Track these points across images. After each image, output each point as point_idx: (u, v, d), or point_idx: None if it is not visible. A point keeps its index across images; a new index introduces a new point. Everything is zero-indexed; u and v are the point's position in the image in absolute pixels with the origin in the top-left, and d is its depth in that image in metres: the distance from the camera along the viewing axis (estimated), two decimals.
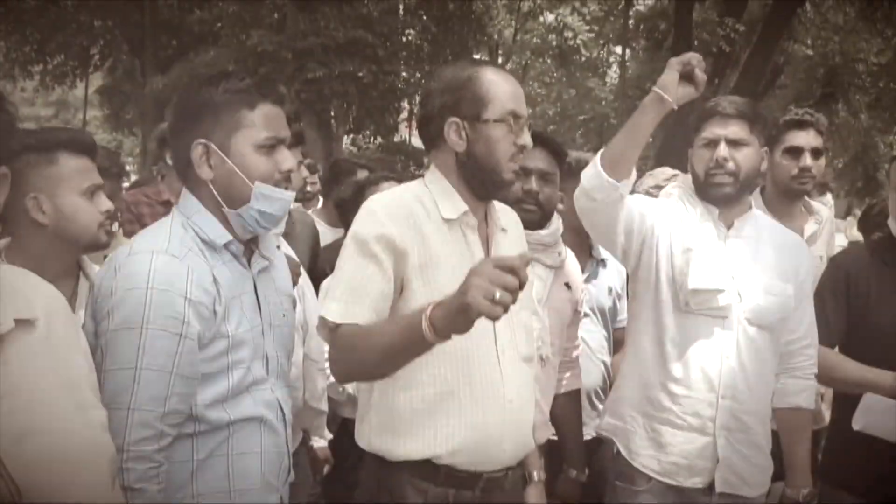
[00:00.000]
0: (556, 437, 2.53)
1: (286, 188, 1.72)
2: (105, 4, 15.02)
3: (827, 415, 3.03)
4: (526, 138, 1.86)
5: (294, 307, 1.93)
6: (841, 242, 3.80)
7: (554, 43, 20.04)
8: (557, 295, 2.42)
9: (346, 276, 1.80)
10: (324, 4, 11.89)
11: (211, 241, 1.68)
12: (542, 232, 2.37)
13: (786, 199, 2.98)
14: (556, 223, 2.46)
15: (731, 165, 2.27)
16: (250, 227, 1.71)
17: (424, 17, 14.22)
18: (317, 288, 2.70)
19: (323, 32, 11.74)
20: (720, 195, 2.30)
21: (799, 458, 2.34)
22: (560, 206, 3.02)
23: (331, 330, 1.79)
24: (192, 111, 1.71)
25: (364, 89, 12.40)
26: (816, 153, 2.93)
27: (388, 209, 1.82)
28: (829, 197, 3.65)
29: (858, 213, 6.72)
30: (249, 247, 1.77)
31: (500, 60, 21.22)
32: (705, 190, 2.31)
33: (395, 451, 1.82)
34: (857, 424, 2.37)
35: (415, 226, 1.82)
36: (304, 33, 11.78)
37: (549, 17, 20.03)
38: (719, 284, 2.22)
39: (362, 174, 3.79)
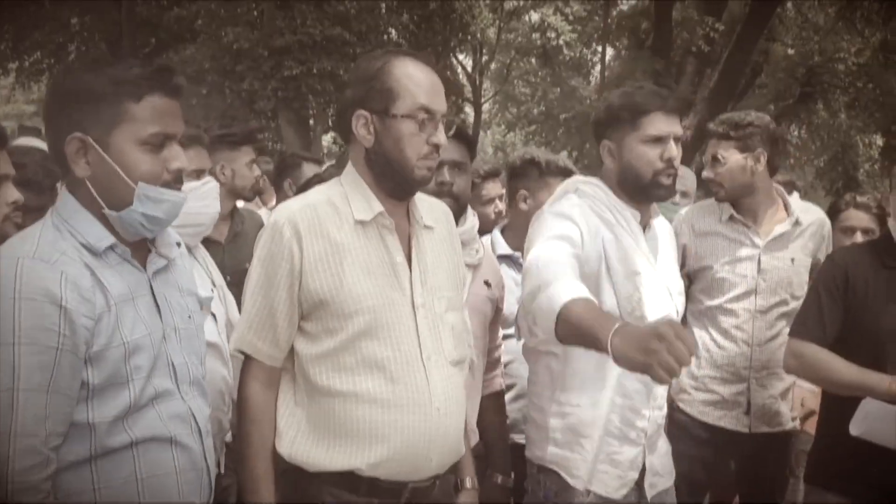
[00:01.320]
0: (479, 440, 2.47)
1: (177, 189, 1.59)
2: (82, 2, 14.85)
3: (789, 415, 2.98)
4: (440, 137, 1.77)
5: (201, 307, 1.83)
6: None
7: (538, 42, 19.99)
8: (477, 293, 2.35)
9: (254, 306, 1.78)
10: (301, 2, 11.78)
11: (90, 245, 1.55)
12: (459, 229, 2.29)
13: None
14: (472, 219, 2.39)
15: (676, 164, 2.18)
16: (134, 231, 1.58)
17: (405, 16, 14.13)
18: None
19: (300, 30, 11.63)
20: (663, 197, 2.21)
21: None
22: (523, 206, 2.95)
23: (244, 358, 1.80)
24: (68, 99, 1.55)
25: (343, 87, 12.25)
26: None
27: (293, 222, 1.75)
28: (796, 196, 3.57)
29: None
30: (146, 246, 1.65)
31: (484, 60, 21.19)
32: (648, 191, 2.19)
33: (316, 462, 1.74)
34: (855, 430, 2.30)
35: (322, 234, 1.74)
36: (280, 30, 11.67)
37: (534, 17, 19.99)
38: (668, 309, 2.17)
39: (309, 167, 3.75)
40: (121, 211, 1.55)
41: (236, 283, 2.49)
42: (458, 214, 2.30)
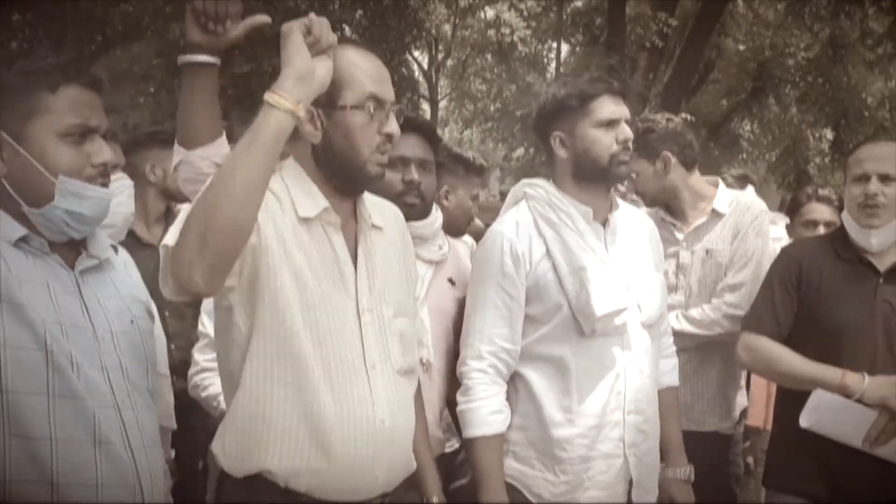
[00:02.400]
0: (451, 449, 2.38)
1: (102, 184, 1.52)
2: None
3: (710, 415, 2.89)
4: (392, 126, 1.66)
5: (150, 314, 1.73)
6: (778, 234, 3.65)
7: (493, 39, 19.99)
8: (439, 290, 2.25)
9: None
10: None
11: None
12: (417, 223, 2.17)
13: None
14: (435, 214, 2.29)
15: (630, 146, 2.16)
16: (59, 230, 1.49)
17: (359, 12, 13.93)
18: None
19: None
20: (622, 177, 2.21)
21: (675, 436, 2.31)
22: (445, 202, 2.85)
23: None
24: None
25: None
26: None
27: None
28: (750, 189, 3.52)
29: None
30: (77, 249, 1.57)
31: (439, 57, 21.11)
32: (606, 175, 2.16)
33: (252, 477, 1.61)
34: (805, 422, 2.26)
35: (272, 221, 1.61)
36: None
37: (489, 13, 19.97)
38: (622, 303, 2.10)
39: None
40: (42, 208, 1.48)
41: None
42: (424, 214, 2.24)
